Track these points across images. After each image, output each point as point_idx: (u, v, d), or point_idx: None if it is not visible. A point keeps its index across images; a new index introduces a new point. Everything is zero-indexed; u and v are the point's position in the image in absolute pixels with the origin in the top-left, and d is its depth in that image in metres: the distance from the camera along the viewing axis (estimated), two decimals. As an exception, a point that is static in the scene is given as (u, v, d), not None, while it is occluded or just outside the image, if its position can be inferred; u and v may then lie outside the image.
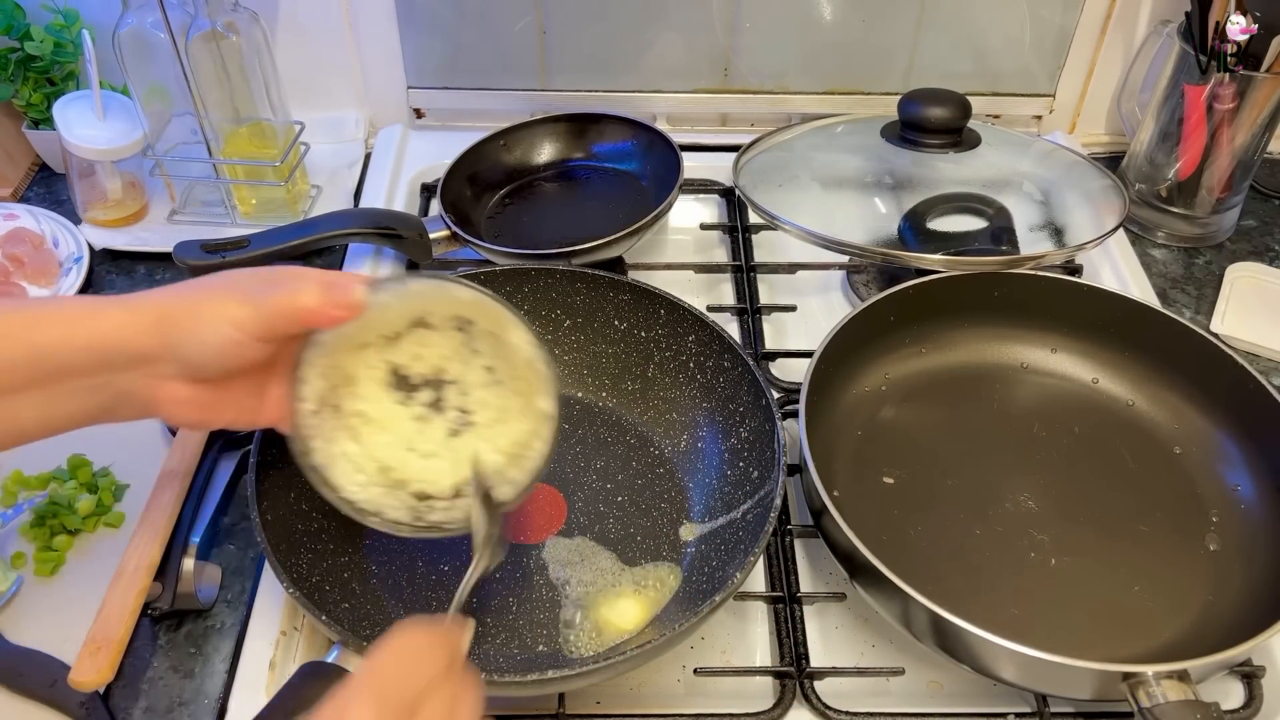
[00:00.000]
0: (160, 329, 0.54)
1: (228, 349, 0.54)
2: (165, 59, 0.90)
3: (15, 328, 0.53)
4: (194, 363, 0.54)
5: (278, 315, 0.54)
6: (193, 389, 0.56)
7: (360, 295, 0.55)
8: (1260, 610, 0.64)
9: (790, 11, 1.05)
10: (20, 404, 0.53)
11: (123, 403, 0.55)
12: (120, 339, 0.53)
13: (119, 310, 0.54)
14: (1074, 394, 0.83)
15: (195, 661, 0.68)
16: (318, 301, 0.54)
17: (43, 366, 0.53)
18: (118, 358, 0.54)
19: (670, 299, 0.79)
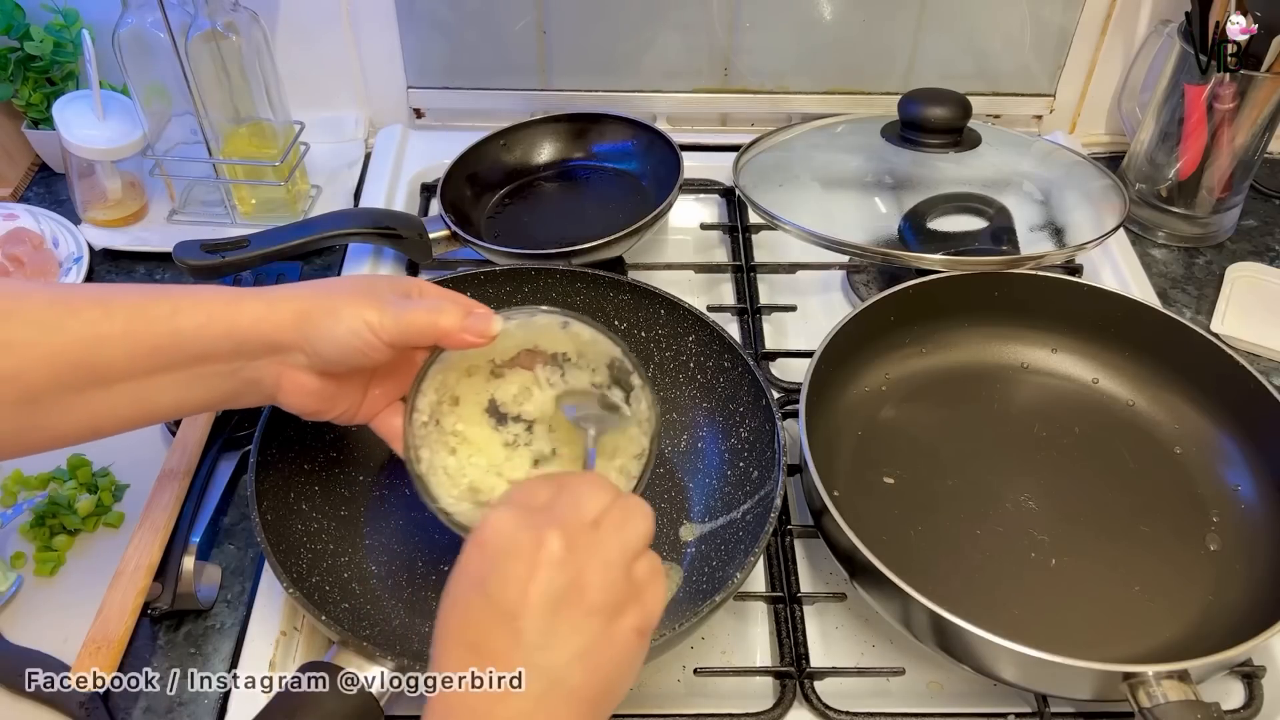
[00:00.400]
0: (298, 324, 0.57)
1: (359, 349, 0.57)
2: (165, 59, 0.90)
3: (159, 313, 0.55)
4: (325, 358, 0.57)
5: (414, 329, 0.57)
6: (319, 381, 0.59)
7: (497, 328, 0.59)
8: (1260, 610, 0.64)
9: (790, 11, 1.05)
10: (157, 386, 0.56)
11: (251, 389, 0.59)
12: (258, 330, 0.56)
13: (258, 303, 0.57)
14: (1074, 394, 0.83)
15: (195, 661, 0.68)
16: (457, 325, 0.57)
17: (183, 351, 0.56)
18: (254, 347, 0.57)
19: (670, 299, 0.79)
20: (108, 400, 0.55)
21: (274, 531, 0.65)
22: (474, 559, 0.48)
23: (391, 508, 0.74)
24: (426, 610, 0.68)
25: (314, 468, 0.73)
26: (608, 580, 0.47)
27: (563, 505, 0.49)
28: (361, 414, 0.63)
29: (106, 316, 0.54)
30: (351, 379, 0.61)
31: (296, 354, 0.57)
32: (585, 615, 0.46)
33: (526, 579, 0.46)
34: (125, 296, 0.56)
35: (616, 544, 0.49)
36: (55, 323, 0.54)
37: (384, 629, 0.66)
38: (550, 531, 0.47)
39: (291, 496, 0.70)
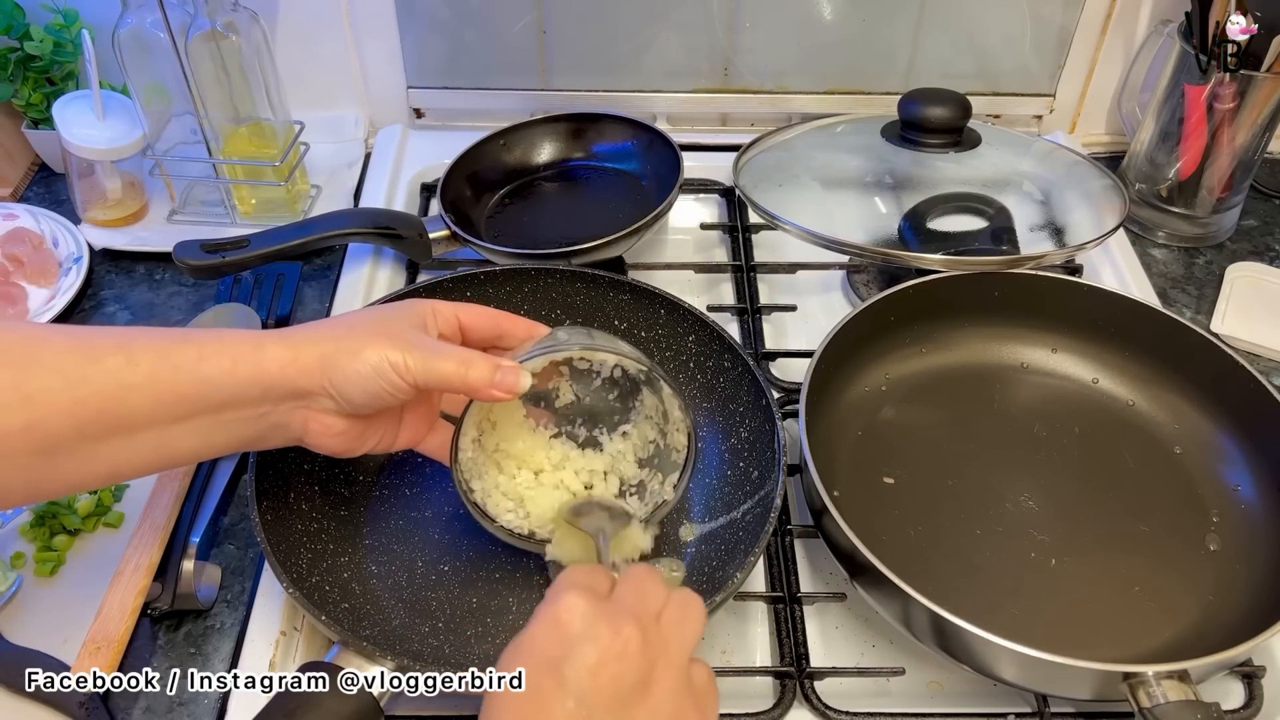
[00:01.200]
0: (322, 369, 0.57)
1: (385, 391, 0.58)
2: (165, 59, 0.90)
3: (184, 360, 0.55)
4: (351, 401, 0.58)
5: (441, 379, 0.58)
6: (345, 423, 0.60)
7: (525, 384, 0.60)
8: (1261, 610, 0.64)
9: (790, 11, 1.05)
10: (180, 432, 0.55)
11: (276, 432, 0.59)
12: (283, 375, 0.56)
13: (281, 348, 0.57)
14: (1074, 394, 0.83)
15: (195, 661, 0.68)
16: (486, 382, 0.58)
17: (208, 399, 0.55)
18: (279, 392, 0.57)
19: (670, 299, 0.79)
20: (129, 448, 0.54)
21: (274, 531, 0.65)
22: (547, 637, 0.47)
23: (391, 508, 0.74)
24: (426, 610, 0.68)
25: (314, 468, 0.73)
26: (672, 678, 0.47)
27: (630, 597, 0.49)
28: (401, 441, 0.64)
29: (130, 364, 0.53)
30: (379, 417, 0.62)
31: (322, 399, 0.58)
32: (651, 713, 0.46)
33: (600, 667, 0.45)
34: (148, 342, 0.55)
35: (677, 642, 0.49)
36: (77, 371, 0.52)
37: (384, 629, 0.66)
38: (627, 624, 0.47)
39: (291, 496, 0.70)
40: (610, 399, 0.70)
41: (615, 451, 0.70)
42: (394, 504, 0.75)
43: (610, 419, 0.70)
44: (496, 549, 0.72)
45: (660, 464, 0.69)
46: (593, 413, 0.70)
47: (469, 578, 0.70)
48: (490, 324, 0.65)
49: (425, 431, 0.66)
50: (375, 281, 0.94)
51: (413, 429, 0.65)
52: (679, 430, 0.67)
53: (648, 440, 0.70)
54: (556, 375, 0.69)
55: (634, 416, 0.70)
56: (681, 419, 0.66)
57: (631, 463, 0.70)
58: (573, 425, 0.70)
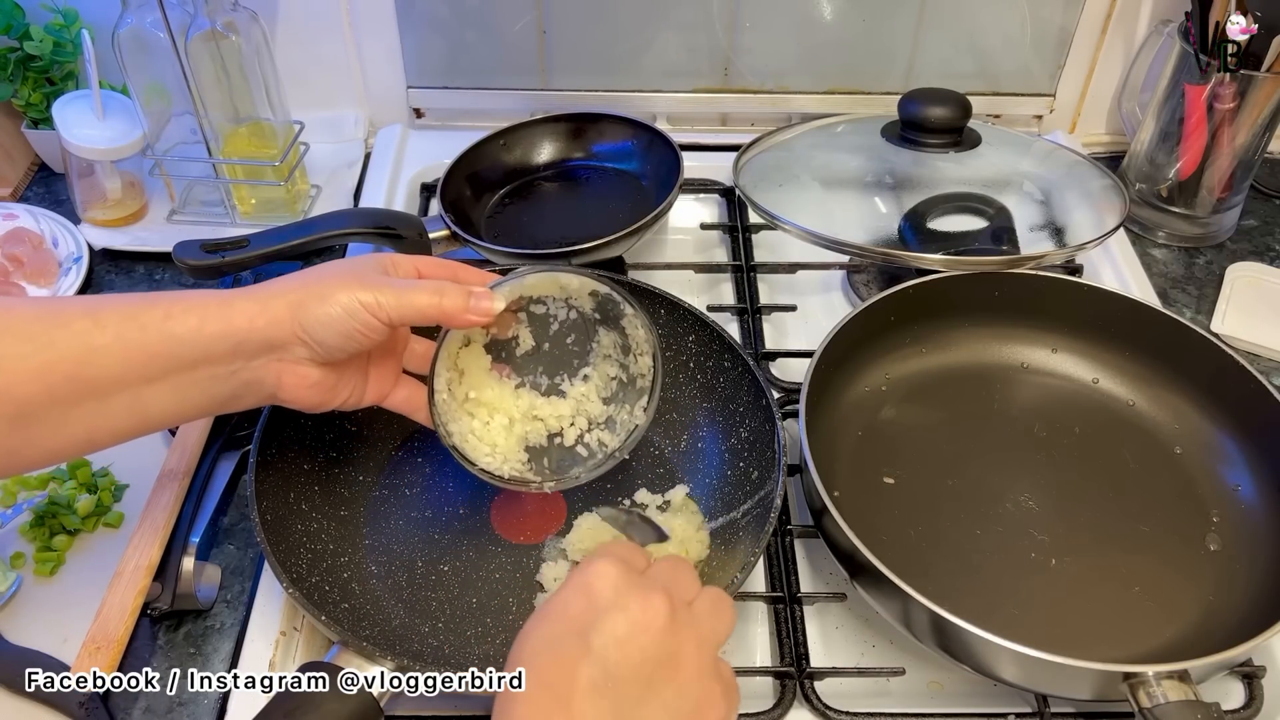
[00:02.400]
0: (292, 315, 0.57)
1: (358, 331, 0.57)
2: (165, 59, 0.90)
3: (151, 319, 0.55)
4: (325, 345, 0.58)
5: (416, 309, 0.58)
6: (319, 372, 0.59)
7: (498, 306, 0.60)
8: (1261, 610, 0.64)
9: (790, 11, 1.05)
10: (152, 394, 0.55)
11: (249, 390, 0.59)
12: (252, 328, 0.56)
13: (250, 302, 0.57)
14: (1074, 394, 0.83)
15: (195, 661, 0.68)
16: (462, 306, 0.59)
17: (178, 357, 0.55)
18: (252, 346, 0.57)
19: (670, 299, 0.79)
20: (103, 412, 0.54)
21: (274, 531, 0.65)
22: (577, 602, 0.47)
23: (391, 508, 0.74)
24: (426, 610, 0.68)
25: (314, 468, 0.73)
26: (700, 662, 0.47)
27: (664, 576, 0.49)
28: (369, 396, 0.64)
29: (97, 326, 0.53)
30: (350, 365, 0.62)
31: (295, 348, 0.57)
32: (677, 693, 0.46)
33: (628, 639, 0.45)
34: (114, 305, 0.55)
35: (709, 628, 0.49)
36: (45, 336, 0.53)
37: (384, 629, 0.66)
38: (659, 597, 0.46)
39: (291, 496, 0.70)
40: (568, 344, 0.71)
41: (579, 395, 0.71)
42: (394, 504, 0.75)
43: (570, 364, 0.71)
44: (497, 549, 0.72)
45: (625, 395, 0.70)
46: (552, 359, 0.71)
47: (469, 578, 0.70)
48: (448, 274, 0.64)
49: (391, 384, 0.66)
50: (375, 281, 0.94)
51: (379, 383, 0.65)
52: (643, 354, 0.68)
53: (609, 378, 0.71)
54: (515, 322, 0.69)
55: (592, 359, 0.71)
56: (645, 339, 0.67)
57: (596, 402, 0.71)
58: (534, 374, 0.71)
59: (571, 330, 0.70)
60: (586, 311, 0.69)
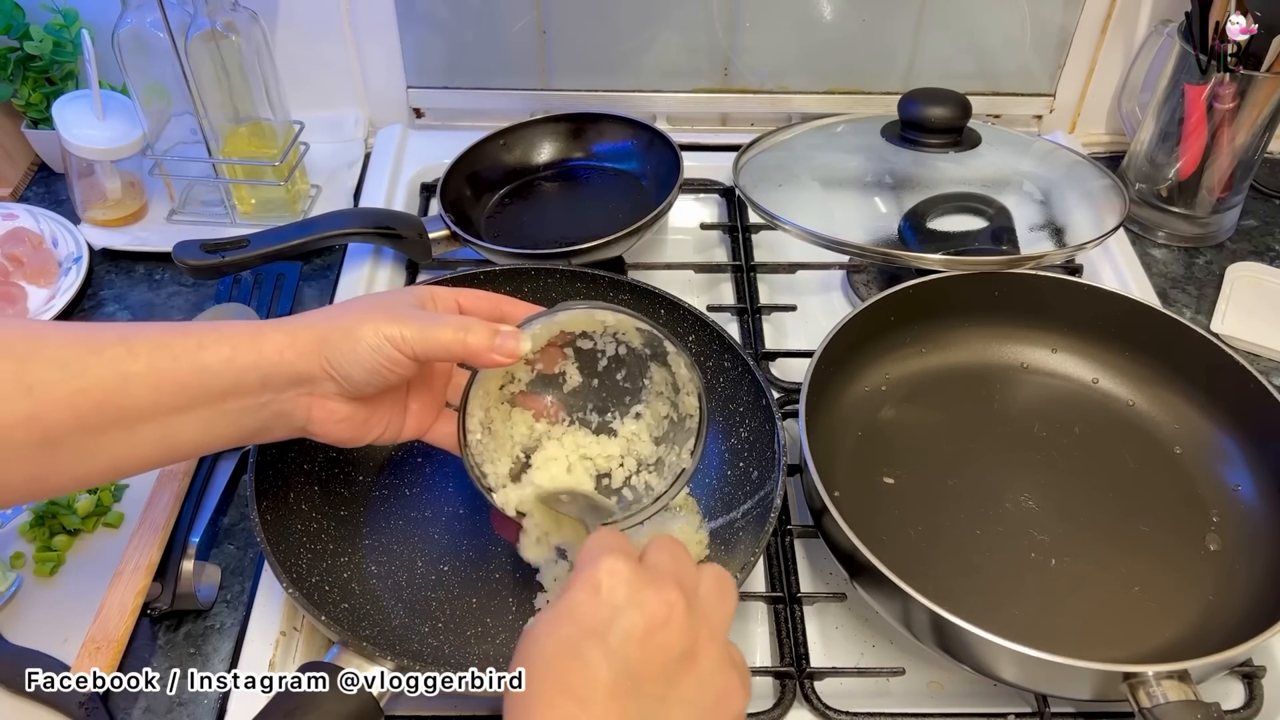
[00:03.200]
0: (319, 350, 0.56)
1: (384, 366, 0.57)
2: (165, 59, 0.90)
3: (184, 349, 0.54)
4: (352, 379, 0.57)
5: (440, 346, 0.57)
6: (349, 407, 0.59)
7: (525, 347, 0.59)
8: (1261, 610, 0.64)
9: (790, 11, 1.05)
10: (182, 425, 0.55)
11: (279, 422, 0.58)
12: (281, 360, 0.56)
13: (279, 333, 0.56)
14: (1074, 394, 0.83)
15: (195, 661, 0.68)
16: (486, 345, 0.57)
17: (209, 388, 0.55)
18: (280, 378, 0.56)
19: (670, 299, 0.79)
20: (131, 441, 0.54)
21: (274, 531, 0.65)
22: (588, 604, 0.45)
23: (391, 508, 0.74)
24: (426, 610, 0.68)
25: (314, 468, 0.73)
26: (715, 651, 0.47)
27: (668, 564, 0.48)
28: (408, 430, 0.63)
29: (130, 355, 0.53)
30: (384, 401, 0.61)
31: (324, 382, 0.57)
32: (698, 687, 0.45)
33: (647, 636, 0.44)
34: (147, 333, 0.55)
35: (718, 614, 0.48)
36: (78, 363, 0.52)
37: (384, 629, 0.66)
38: (673, 590, 0.46)
39: (291, 496, 0.70)
40: (619, 379, 0.68)
41: (630, 434, 0.68)
42: (394, 504, 0.75)
43: (621, 400, 0.69)
44: (497, 549, 0.72)
45: (675, 436, 0.67)
46: (602, 397, 0.69)
47: (469, 578, 0.70)
48: (490, 307, 0.64)
49: (431, 420, 0.65)
50: (375, 281, 0.94)
51: (418, 418, 0.64)
52: (689, 394, 0.65)
53: (661, 417, 0.68)
54: (561, 358, 0.67)
55: (645, 396, 0.68)
56: (689, 379, 0.64)
57: (647, 441, 0.68)
58: (584, 412, 0.69)
59: (622, 366, 0.68)
60: (637, 347, 0.66)
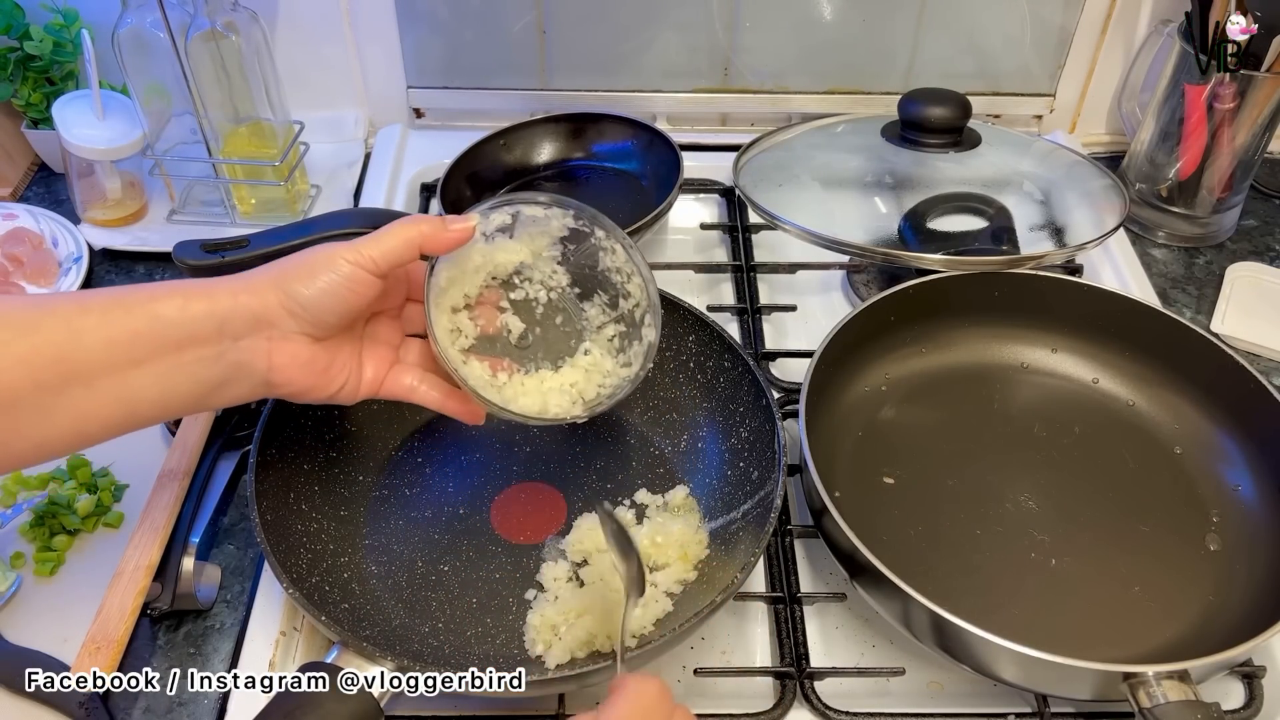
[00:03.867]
0: (276, 285, 0.57)
1: (347, 287, 0.57)
2: (165, 59, 0.90)
3: (136, 300, 0.55)
4: (315, 310, 0.57)
5: (398, 243, 0.59)
6: (310, 350, 0.59)
7: (473, 221, 0.62)
8: (1261, 610, 0.64)
9: (790, 11, 1.05)
10: (140, 379, 0.55)
11: (239, 373, 0.57)
12: (237, 303, 0.56)
13: (232, 280, 0.57)
14: (1074, 394, 0.83)
15: (195, 661, 0.68)
16: (437, 226, 0.60)
17: (163, 337, 0.55)
18: (237, 322, 0.56)
19: (670, 299, 0.79)
20: (89, 399, 0.54)
21: (274, 531, 0.65)
22: None
23: (391, 508, 0.74)
24: (426, 610, 0.68)
25: (314, 468, 0.73)
26: None
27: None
28: (365, 386, 0.63)
29: (82, 310, 0.54)
30: (342, 347, 0.61)
31: (283, 320, 0.57)
32: None
33: None
34: (101, 293, 0.56)
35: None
36: (30, 322, 0.53)
37: (384, 629, 0.66)
38: None
39: (291, 496, 0.70)
40: (558, 325, 0.70)
41: (587, 365, 0.69)
42: (394, 504, 0.75)
43: (567, 345, 0.70)
44: (497, 549, 0.72)
45: (632, 333, 0.69)
46: (548, 343, 0.69)
47: (469, 578, 0.70)
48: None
49: (387, 367, 0.64)
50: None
51: (374, 370, 0.63)
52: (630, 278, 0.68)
53: (609, 340, 0.70)
54: (497, 313, 0.68)
55: (588, 335, 0.70)
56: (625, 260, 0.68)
57: (607, 360, 0.69)
58: (537, 361, 0.69)
59: (556, 312, 0.70)
60: (564, 288, 0.69)
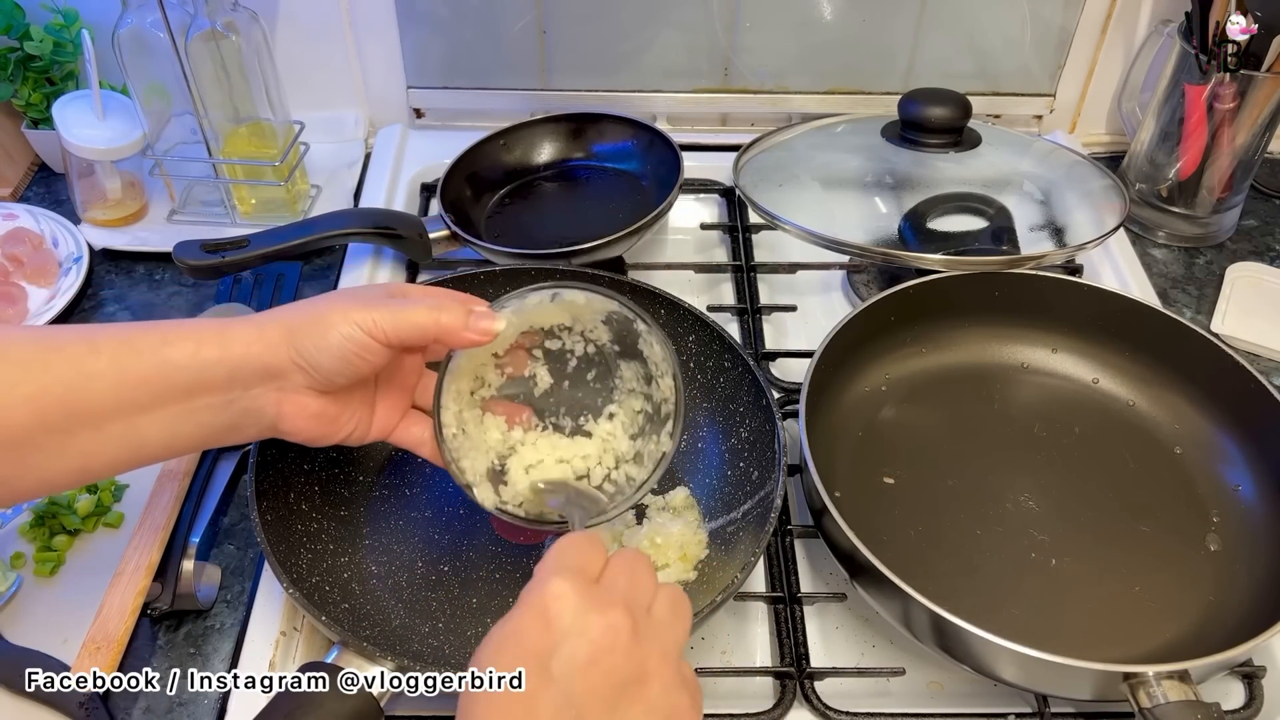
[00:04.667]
0: (288, 340, 0.55)
1: (355, 354, 0.56)
2: (165, 59, 0.90)
3: (146, 344, 0.54)
4: (323, 369, 0.56)
5: (414, 326, 0.57)
6: (319, 402, 0.58)
7: (500, 326, 0.59)
8: (1261, 611, 0.64)
9: (790, 11, 1.05)
10: (148, 424, 0.54)
11: (248, 420, 0.57)
12: (249, 353, 0.55)
13: (246, 327, 0.56)
14: (1074, 394, 0.83)
15: (195, 661, 0.68)
16: (461, 323, 0.57)
17: (173, 383, 0.54)
18: (247, 373, 0.55)
19: (670, 299, 0.79)
20: (96, 441, 0.53)
21: (274, 531, 0.65)
22: (534, 629, 0.45)
23: (391, 508, 0.74)
24: (426, 611, 0.68)
25: (314, 468, 0.73)
26: (665, 674, 0.46)
27: (621, 583, 0.47)
28: (375, 431, 0.63)
29: (92, 352, 0.52)
30: (353, 397, 0.60)
31: (294, 375, 0.56)
32: (645, 712, 0.44)
33: (591, 663, 0.44)
34: (110, 331, 0.54)
35: (671, 636, 0.47)
36: (39, 361, 0.51)
37: (384, 629, 0.66)
38: (619, 613, 0.45)
39: (291, 496, 0.70)
40: (589, 379, 0.67)
41: (605, 434, 0.67)
42: (394, 504, 0.75)
43: (594, 403, 0.67)
44: (497, 549, 0.72)
45: (652, 428, 0.66)
46: (574, 399, 0.67)
47: (469, 578, 0.70)
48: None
49: (398, 418, 0.64)
50: (375, 281, 0.94)
51: (386, 417, 0.63)
52: (663, 375, 0.64)
53: (635, 412, 0.67)
54: (529, 359, 0.66)
55: (617, 395, 0.67)
56: (663, 357, 0.64)
57: (623, 438, 0.67)
58: (557, 416, 0.67)
59: (591, 366, 0.67)
60: (604, 344, 0.66)
